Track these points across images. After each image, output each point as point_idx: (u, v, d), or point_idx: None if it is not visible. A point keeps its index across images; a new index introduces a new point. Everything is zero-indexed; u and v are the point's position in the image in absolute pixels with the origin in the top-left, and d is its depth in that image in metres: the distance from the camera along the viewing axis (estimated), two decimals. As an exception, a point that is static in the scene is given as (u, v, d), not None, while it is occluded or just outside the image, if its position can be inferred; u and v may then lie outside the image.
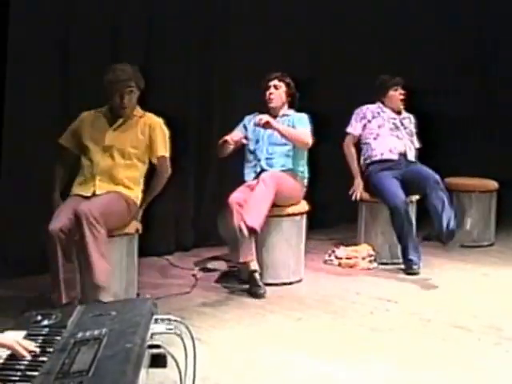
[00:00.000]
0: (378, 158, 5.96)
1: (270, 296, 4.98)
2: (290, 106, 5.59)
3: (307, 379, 3.56)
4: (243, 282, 5.20)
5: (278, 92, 5.50)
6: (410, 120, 6.23)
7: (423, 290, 5.19)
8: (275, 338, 4.16)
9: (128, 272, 4.71)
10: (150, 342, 2.01)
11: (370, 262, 5.76)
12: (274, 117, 5.42)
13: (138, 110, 4.88)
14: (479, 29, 8.02)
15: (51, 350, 1.95)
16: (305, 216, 5.44)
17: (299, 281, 5.35)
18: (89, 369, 1.74)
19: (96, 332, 2.00)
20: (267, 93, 5.48)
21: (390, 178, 5.82)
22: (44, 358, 1.89)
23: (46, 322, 2.20)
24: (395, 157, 5.97)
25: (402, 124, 6.16)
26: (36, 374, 1.81)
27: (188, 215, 6.30)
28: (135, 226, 4.74)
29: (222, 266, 5.68)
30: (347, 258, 5.75)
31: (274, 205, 5.14)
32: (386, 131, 6.05)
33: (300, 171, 5.46)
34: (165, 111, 5.05)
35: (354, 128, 6.10)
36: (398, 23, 7.28)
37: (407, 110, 6.24)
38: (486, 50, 8.11)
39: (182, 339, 2.09)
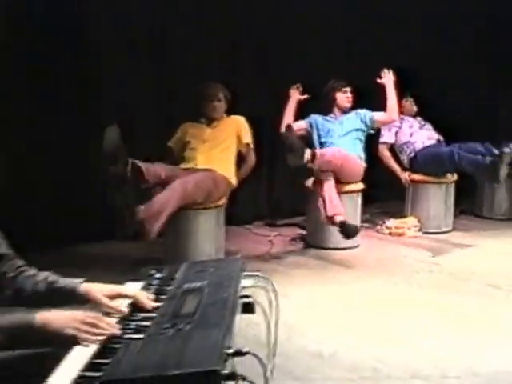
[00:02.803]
0: (421, 145, 5.92)
1: (334, 259, 5.00)
2: None
3: (367, 328, 3.58)
4: (312, 247, 5.27)
5: (350, 96, 5.57)
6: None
7: (461, 255, 5.13)
8: (341, 293, 4.20)
9: (217, 238, 4.79)
10: (241, 293, 2.04)
11: (416, 231, 5.71)
12: (344, 113, 5.57)
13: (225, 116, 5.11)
14: None
15: (164, 297, 2.00)
16: (360, 193, 5.42)
17: (356, 246, 5.31)
18: (195, 312, 1.78)
19: (198, 284, 2.04)
20: (345, 96, 5.54)
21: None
22: (159, 304, 1.95)
23: (158, 276, 2.25)
24: (434, 142, 5.98)
25: (424, 122, 6.15)
26: (154, 315, 1.87)
27: (263, 191, 6.36)
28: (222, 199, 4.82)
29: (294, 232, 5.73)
30: (396, 228, 5.70)
31: (338, 181, 5.14)
32: (416, 129, 6.04)
33: (361, 156, 5.47)
34: (244, 112, 5.19)
35: (387, 137, 6.02)
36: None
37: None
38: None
39: (268, 291, 2.12)
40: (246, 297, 2.02)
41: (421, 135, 5.99)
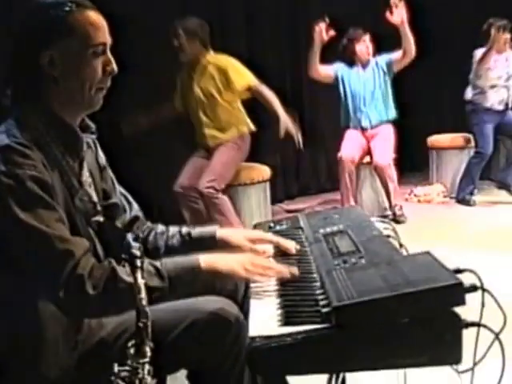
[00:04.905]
0: (488, 106, 5.29)
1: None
2: None
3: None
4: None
5: (370, 45, 4.96)
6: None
7: (498, 212, 5.02)
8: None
9: (265, 211, 4.63)
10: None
11: (444, 197, 5.56)
12: (365, 65, 4.99)
13: (209, 55, 4.10)
14: None
15: (305, 243, 1.83)
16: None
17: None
18: (358, 249, 1.61)
19: (335, 228, 1.85)
20: (364, 47, 4.91)
21: (488, 126, 5.31)
22: (306, 249, 1.78)
23: (278, 228, 2.06)
24: (502, 108, 5.31)
25: (507, 60, 5.28)
26: (311, 258, 1.69)
27: (292, 170, 6.15)
28: (267, 173, 4.65)
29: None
30: (425, 195, 5.55)
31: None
32: (500, 86, 5.28)
33: (391, 117, 5.04)
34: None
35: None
36: None
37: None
38: None
39: (395, 233, 1.97)
40: (388, 237, 1.87)
41: (495, 96, 5.27)
